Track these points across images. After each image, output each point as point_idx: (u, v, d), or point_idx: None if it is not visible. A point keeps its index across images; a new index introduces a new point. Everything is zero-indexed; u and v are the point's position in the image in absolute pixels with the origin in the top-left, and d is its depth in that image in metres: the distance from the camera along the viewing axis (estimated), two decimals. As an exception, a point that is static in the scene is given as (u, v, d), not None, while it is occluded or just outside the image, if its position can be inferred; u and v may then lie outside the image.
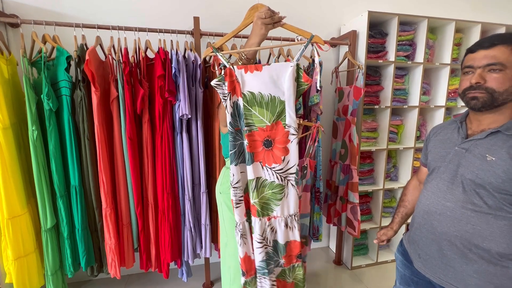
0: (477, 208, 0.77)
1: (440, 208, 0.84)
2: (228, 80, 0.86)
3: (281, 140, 0.92)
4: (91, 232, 1.44)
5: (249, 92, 0.87)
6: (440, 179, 0.87)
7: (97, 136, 1.31)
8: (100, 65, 1.37)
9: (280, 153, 0.93)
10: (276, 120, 0.90)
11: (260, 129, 0.91)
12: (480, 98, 0.78)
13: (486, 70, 0.76)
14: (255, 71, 0.86)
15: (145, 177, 1.48)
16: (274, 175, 0.95)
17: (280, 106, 0.89)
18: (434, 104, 2.02)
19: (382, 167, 1.97)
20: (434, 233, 0.86)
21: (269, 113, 0.89)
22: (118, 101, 1.36)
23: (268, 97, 0.88)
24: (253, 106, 0.88)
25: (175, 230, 1.54)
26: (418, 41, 1.90)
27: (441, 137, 0.93)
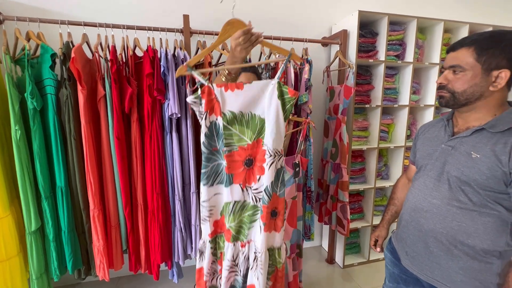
0: (462, 205, 0.77)
1: (427, 205, 0.85)
2: (206, 98, 0.81)
3: (260, 159, 0.88)
4: (78, 234, 1.41)
5: (230, 111, 0.84)
6: (427, 177, 0.87)
7: (84, 136, 1.28)
8: (86, 63, 1.34)
9: (258, 172, 0.89)
10: (257, 138, 0.87)
11: (240, 148, 0.87)
12: (444, 98, 0.82)
13: (451, 71, 0.79)
14: (236, 89, 0.83)
15: (134, 178, 1.45)
16: (251, 195, 0.91)
17: (260, 123, 0.86)
18: (424, 103, 2.05)
19: (374, 166, 1.99)
20: (420, 230, 0.87)
21: (250, 131, 0.86)
22: (106, 100, 1.33)
23: (248, 115, 0.85)
24: (233, 125, 0.85)
25: (165, 231, 1.52)
26: (408, 40, 1.92)
27: (428, 135, 0.94)
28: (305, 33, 1.94)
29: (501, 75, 0.73)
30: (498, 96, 0.76)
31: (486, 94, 0.76)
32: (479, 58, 0.74)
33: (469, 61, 0.75)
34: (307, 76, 1.58)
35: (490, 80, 0.74)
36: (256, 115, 0.85)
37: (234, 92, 0.83)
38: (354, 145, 1.96)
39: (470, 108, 0.80)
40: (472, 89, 0.76)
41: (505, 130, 0.73)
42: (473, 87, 0.76)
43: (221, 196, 0.91)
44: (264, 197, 0.89)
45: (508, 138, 0.72)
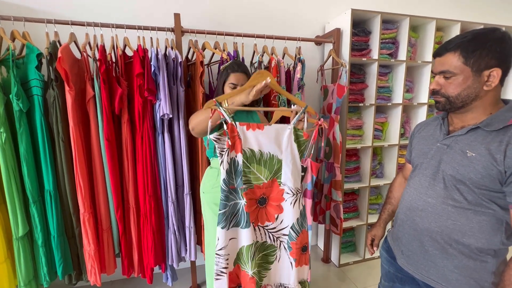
0: (457, 203, 0.77)
1: (422, 204, 0.85)
2: (230, 135, 0.84)
3: (276, 198, 0.90)
4: (68, 238, 1.37)
5: (249, 149, 0.86)
6: (422, 175, 0.87)
7: (73, 138, 1.25)
8: (74, 63, 1.30)
9: (274, 211, 0.89)
10: (272, 178, 0.89)
11: (256, 186, 0.88)
12: (440, 103, 0.81)
13: (442, 77, 0.79)
14: (257, 129, 0.87)
15: (125, 180, 1.42)
16: (267, 234, 0.90)
17: (278, 164, 0.89)
18: (417, 101, 2.06)
19: (368, 164, 1.99)
20: (416, 229, 0.86)
21: (267, 170, 0.89)
22: (95, 100, 1.30)
23: (267, 155, 0.88)
24: (252, 163, 0.87)
25: (158, 234, 1.49)
26: (400, 39, 1.92)
27: (424, 134, 0.94)
28: (299, 31, 1.93)
29: (492, 74, 0.72)
30: (493, 94, 0.76)
31: (481, 94, 0.75)
32: (466, 61, 0.73)
33: (457, 65, 0.74)
34: (300, 76, 1.56)
35: (482, 80, 0.73)
36: (274, 155, 0.88)
37: (255, 132, 0.86)
38: (348, 144, 1.96)
39: (467, 109, 0.79)
40: (466, 91, 0.75)
41: (500, 129, 0.72)
42: (466, 89, 0.75)
43: (236, 241, 0.88)
44: (291, 234, 0.90)
45: (503, 137, 0.71)
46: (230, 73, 1.17)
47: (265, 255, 0.91)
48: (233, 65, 1.19)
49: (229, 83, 1.17)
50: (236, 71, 1.17)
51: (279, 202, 0.89)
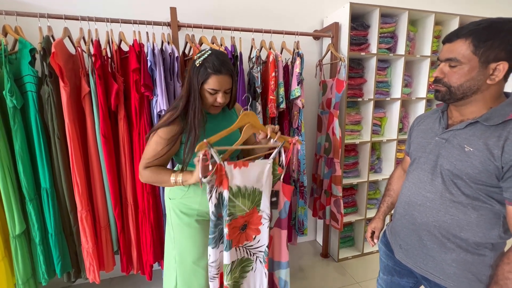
0: (455, 198, 0.76)
1: (421, 199, 0.84)
2: (218, 174, 0.92)
3: (255, 222, 1.02)
4: (66, 236, 1.37)
5: (236, 186, 0.95)
6: (421, 170, 0.86)
7: (69, 135, 1.23)
8: (69, 58, 1.28)
9: (252, 233, 1.03)
10: (253, 207, 1.00)
11: (240, 216, 0.98)
12: (440, 92, 0.79)
13: (447, 65, 0.76)
14: (242, 167, 0.95)
15: (123, 177, 1.41)
16: (245, 251, 1.04)
17: (259, 195, 1.00)
18: (416, 96, 2.05)
19: (367, 159, 1.99)
20: (414, 223, 0.86)
21: (249, 202, 0.98)
22: (90, 97, 1.28)
23: (251, 189, 0.97)
24: (237, 198, 0.96)
25: (157, 230, 1.49)
26: (399, 33, 1.91)
27: (423, 127, 0.92)
28: (297, 26, 1.91)
29: (499, 67, 0.70)
30: (495, 89, 0.74)
31: (483, 88, 0.74)
32: (476, 51, 0.70)
33: (465, 53, 0.71)
34: (299, 70, 1.55)
35: (487, 73, 0.72)
36: (256, 188, 0.99)
37: (241, 170, 0.94)
38: (347, 139, 1.95)
39: (466, 101, 0.77)
40: (469, 83, 0.73)
41: (499, 124, 0.71)
42: (470, 81, 0.73)
43: (221, 255, 1.02)
44: (266, 251, 1.04)
45: (501, 132, 0.70)
46: (211, 75, 0.92)
47: (243, 267, 1.06)
48: (215, 64, 0.91)
49: (208, 88, 0.93)
50: (219, 72, 0.92)
51: (258, 226, 1.02)
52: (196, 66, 0.94)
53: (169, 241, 1.12)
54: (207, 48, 0.97)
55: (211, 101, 0.96)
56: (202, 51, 0.95)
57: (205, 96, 0.96)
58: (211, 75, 0.92)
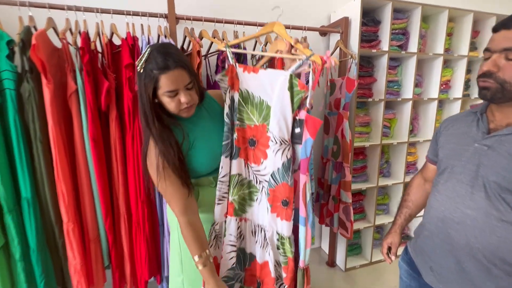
0: (504, 216, 0.65)
1: (459, 216, 0.73)
2: (229, 75, 0.90)
3: (263, 143, 0.92)
4: (51, 251, 1.22)
5: (245, 90, 0.91)
6: (457, 181, 0.75)
7: (53, 138, 1.09)
8: (53, 52, 1.14)
9: (260, 155, 0.93)
10: (263, 123, 0.91)
11: (248, 126, 0.93)
12: (490, 89, 0.68)
13: (503, 56, 0.65)
14: (252, 72, 0.89)
15: (115, 184, 1.27)
16: (252, 175, 0.96)
17: (266, 110, 0.88)
18: (427, 96, 1.95)
19: (376, 163, 1.88)
20: (451, 244, 0.75)
21: (257, 114, 0.91)
22: (78, 95, 1.14)
23: (258, 99, 0.90)
24: (246, 104, 0.91)
25: (152, 243, 1.35)
26: (411, 29, 1.80)
27: (454, 131, 0.82)
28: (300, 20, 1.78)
29: None
30: None
31: None
32: None
33: None
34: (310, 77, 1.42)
35: None
36: (264, 100, 0.88)
37: (250, 74, 0.89)
38: (355, 141, 1.84)
39: None
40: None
41: None
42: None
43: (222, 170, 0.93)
44: (270, 181, 0.91)
45: None
46: (159, 76, 0.74)
47: (250, 192, 0.98)
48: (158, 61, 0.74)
49: (164, 92, 0.77)
50: (167, 68, 0.74)
51: (265, 148, 0.91)
52: (140, 73, 0.77)
53: (176, 263, 0.99)
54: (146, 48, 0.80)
55: (175, 105, 0.80)
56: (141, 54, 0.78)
57: (167, 103, 0.79)
58: (158, 76, 0.74)
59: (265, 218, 0.94)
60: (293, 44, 0.82)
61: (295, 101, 0.81)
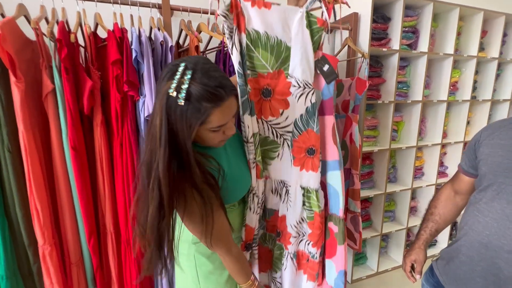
0: None
1: (510, 244, 0.65)
2: (234, 11, 0.74)
3: (281, 91, 0.82)
4: (23, 277, 1.05)
5: (254, 30, 0.76)
6: (507, 203, 0.66)
7: (24, 147, 0.92)
8: (26, 46, 0.97)
9: (279, 105, 0.83)
10: (279, 68, 0.80)
11: (260, 75, 0.80)
12: None
13: None
14: (263, 7, 0.75)
15: (101, 199, 1.11)
16: (270, 129, 0.86)
17: (286, 52, 0.79)
18: (436, 98, 1.86)
19: (383, 169, 1.78)
20: (497, 275, 0.67)
21: (273, 58, 0.79)
22: (55, 96, 0.97)
23: (274, 39, 0.77)
24: (256, 48, 0.77)
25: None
26: (421, 28, 1.70)
27: (500, 141, 0.72)
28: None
29: None
30: None
31: None
32: None
33: None
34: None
35: None
36: (282, 41, 0.78)
37: (260, 10, 0.75)
38: (363, 146, 1.73)
39: None
40: None
41: None
42: None
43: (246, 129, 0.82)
44: (294, 132, 0.85)
45: None
46: (212, 110, 0.58)
47: (266, 150, 0.88)
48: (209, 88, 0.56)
49: (213, 127, 0.61)
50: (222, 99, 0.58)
51: (285, 96, 0.82)
52: (178, 105, 0.56)
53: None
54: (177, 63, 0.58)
55: (217, 140, 0.65)
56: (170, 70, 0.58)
57: (209, 139, 0.64)
58: (211, 110, 0.57)
59: (288, 173, 0.89)
60: None
61: (315, 39, 0.78)
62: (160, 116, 0.56)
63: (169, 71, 0.58)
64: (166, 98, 0.56)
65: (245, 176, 0.81)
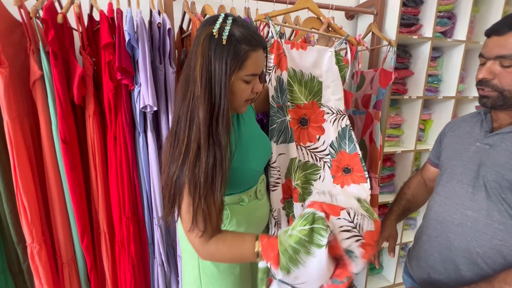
0: (505, 218, 0.62)
1: (459, 218, 0.70)
2: (275, 53, 0.85)
3: (316, 119, 0.91)
4: (14, 275, 1.00)
5: (292, 68, 0.88)
6: (457, 182, 0.72)
7: (10, 139, 0.85)
8: (13, 27, 0.89)
9: (315, 132, 0.92)
10: (312, 100, 0.91)
11: (297, 106, 0.91)
12: (489, 98, 0.66)
13: (497, 63, 0.63)
14: (300, 49, 0.88)
15: (93, 196, 1.03)
16: (309, 154, 0.93)
17: (318, 86, 0.90)
18: (473, 94, 1.64)
19: (406, 172, 1.60)
20: (449, 248, 0.71)
21: (307, 91, 0.90)
22: (44, 84, 0.89)
23: (308, 76, 0.90)
24: (294, 83, 0.89)
25: (139, 266, 1.12)
26: (459, 12, 1.48)
27: (459, 132, 0.78)
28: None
29: None
30: None
31: None
32: None
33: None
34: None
35: None
36: (315, 77, 0.90)
37: (298, 51, 0.87)
38: (384, 146, 1.56)
39: None
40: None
41: None
42: None
43: (284, 156, 0.91)
44: (331, 152, 0.94)
45: None
46: (250, 53, 0.59)
47: (308, 173, 0.94)
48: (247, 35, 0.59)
49: (247, 74, 0.61)
50: (257, 45, 0.60)
51: (320, 123, 0.92)
52: (220, 43, 0.57)
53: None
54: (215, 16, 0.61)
55: (248, 94, 0.65)
56: (210, 19, 0.61)
57: (241, 91, 0.63)
58: (249, 53, 0.59)
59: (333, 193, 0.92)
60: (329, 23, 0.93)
61: (341, 74, 0.90)
62: (201, 60, 0.57)
63: (209, 20, 0.60)
64: (208, 40, 0.58)
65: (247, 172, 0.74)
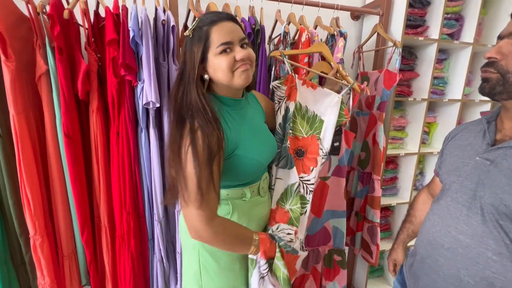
0: (501, 248, 0.56)
1: (449, 242, 0.64)
2: (288, 85, 0.92)
3: (313, 151, 0.93)
4: (16, 266, 1.02)
5: (299, 103, 0.93)
6: (451, 200, 0.66)
7: (15, 132, 0.87)
8: (21, 22, 0.90)
9: (310, 163, 0.94)
10: (312, 134, 0.94)
11: (295, 137, 0.94)
12: (489, 81, 0.60)
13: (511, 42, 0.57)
14: (310, 87, 0.93)
15: (95, 191, 1.05)
16: (301, 185, 0.93)
17: (319, 123, 0.93)
18: (479, 98, 1.61)
19: (410, 175, 1.58)
20: (438, 272, 0.65)
21: (308, 126, 0.94)
22: (49, 78, 0.90)
23: (311, 112, 0.94)
24: (298, 116, 0.93)
25: (139, 261, 1.13)
26: (467, 14, 1.46)
27: (460, 141, 0.71)
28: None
29: None
30: None
31: None
32: None
33: None
34: (341, 55, 1.14)
35: None
36: (317, 115, 0.94)
37: (308, 89, 0.93)
38: (388, 149, 1.55)
39: None
40: None
41: None
42: None
43: (281, 181, 0.92)
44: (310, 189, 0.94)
45: None
46: (211, 28, 0.64)
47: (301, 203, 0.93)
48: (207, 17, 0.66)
49: (217, 46, 0.65)
50: (218, 20, 0.65)
51: (316, 155, 0.93)
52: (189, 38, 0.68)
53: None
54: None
55: (228, 64, 0.66)
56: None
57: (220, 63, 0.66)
58: (209, 29, 0.65)
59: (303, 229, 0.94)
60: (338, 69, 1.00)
61: (337, 120, 0.92)
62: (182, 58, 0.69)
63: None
64: (185, 42, 0.68)
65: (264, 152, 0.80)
